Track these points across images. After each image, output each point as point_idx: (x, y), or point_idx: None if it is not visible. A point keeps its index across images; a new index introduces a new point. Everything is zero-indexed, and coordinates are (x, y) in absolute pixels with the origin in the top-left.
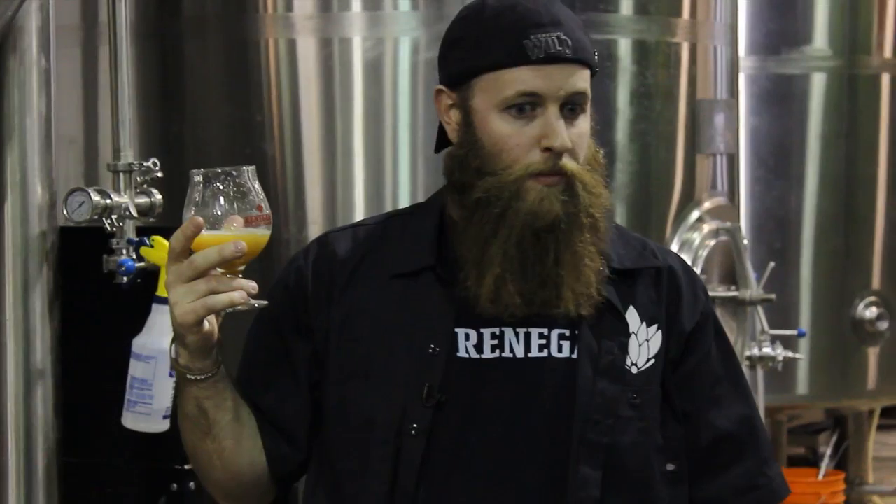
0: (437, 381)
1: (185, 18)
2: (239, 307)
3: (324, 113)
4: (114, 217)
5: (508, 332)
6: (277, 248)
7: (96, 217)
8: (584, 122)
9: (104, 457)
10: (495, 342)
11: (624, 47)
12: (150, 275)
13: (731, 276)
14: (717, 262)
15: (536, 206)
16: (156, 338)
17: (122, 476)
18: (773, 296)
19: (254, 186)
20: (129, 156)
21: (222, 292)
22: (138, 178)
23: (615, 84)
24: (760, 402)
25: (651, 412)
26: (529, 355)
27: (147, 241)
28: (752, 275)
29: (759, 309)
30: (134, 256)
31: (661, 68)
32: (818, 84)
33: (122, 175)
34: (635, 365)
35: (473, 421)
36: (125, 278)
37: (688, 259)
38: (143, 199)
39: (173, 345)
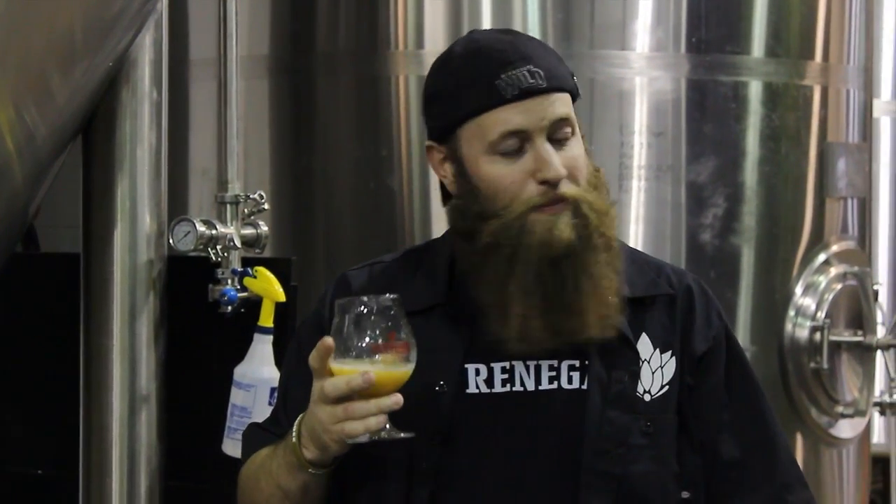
0: (444, 419)
1: (318, 54)
2: (382, 435)
3: None
4: (219, 247)
5: (519, 366)
6: None
7: (201, 247)
8: (576, 146)
9: (206, 481)
10: (506, 376)
11: (753, 89)
12: (252, 304)
13: (859, 321)
14: (844, 306)
15: (547, 236)
16: (256, 367)
17: (223, 501)
18: None
19: (392, 316)
20: (235, 188)
21: (360, 418)
22: (245, 210)
23: (743, 126)
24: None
25: (665, 439)
26: (540, 388)
27: (251, 272)
28: (880, 320)
29: (887, 354)
30: (237, 287)
31: (790, 111)
32: None
33: (228, 206)
34: (648, 392)
35: (485, 456)
36: (228, 308)
37: (812, 302)
38: (249, 231)
39: (301, 433)
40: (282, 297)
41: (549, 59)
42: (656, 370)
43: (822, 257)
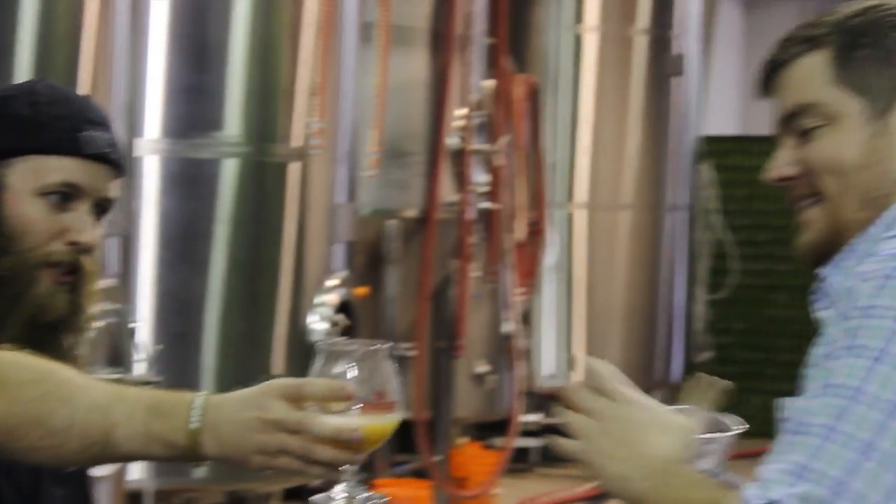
0: None
1: None
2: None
3: None
4: None
5: None
6: None
7: None
8: (103, 228)
9: None
10: None
11: None
12: None
13: (120, 359)
14: (106, 344)
15: (44, 299)
16: None
17: None
18: (159, 378)
19: (381, 369)
20: None
21: (311, 462)
22: None
23: None
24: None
25: None
26: None
27: None
28: (142, 357)
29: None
30: None
31: None
32: (229, 169)
33: None
34: None
35: None
36: None
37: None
38: None
39: (205, 425)
40: None
41: (119, 137)
42: None
43: None
